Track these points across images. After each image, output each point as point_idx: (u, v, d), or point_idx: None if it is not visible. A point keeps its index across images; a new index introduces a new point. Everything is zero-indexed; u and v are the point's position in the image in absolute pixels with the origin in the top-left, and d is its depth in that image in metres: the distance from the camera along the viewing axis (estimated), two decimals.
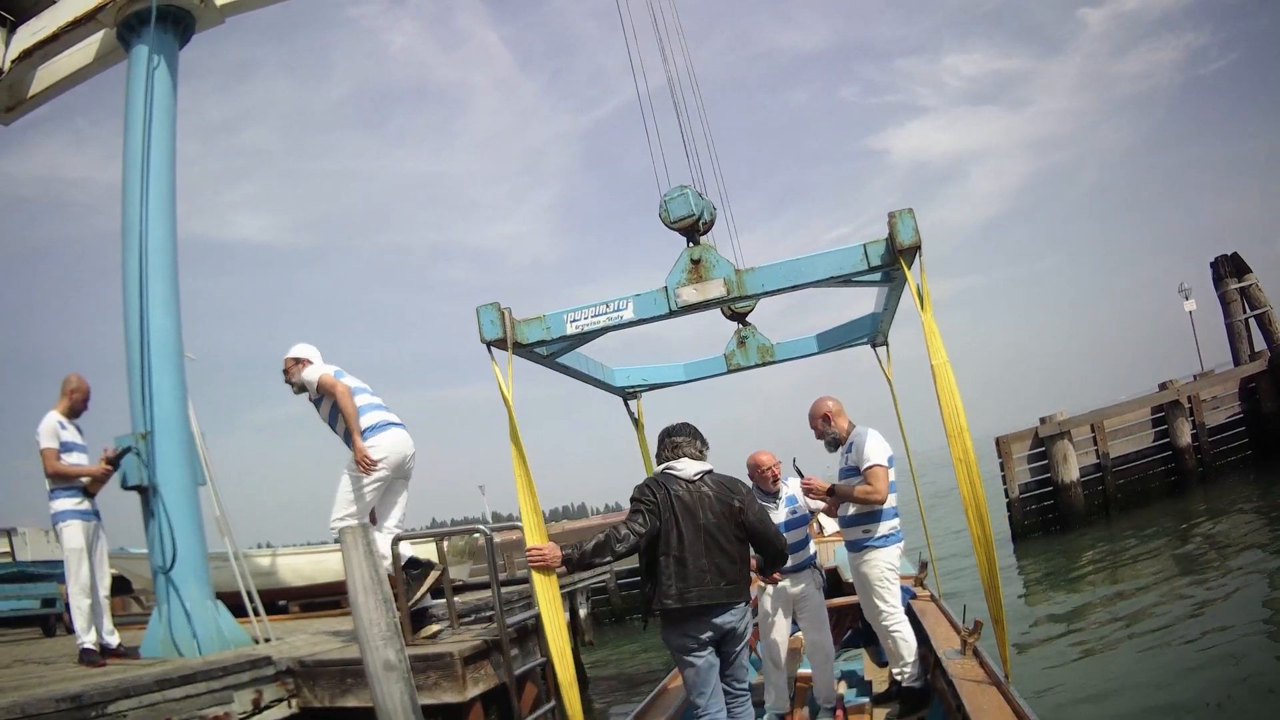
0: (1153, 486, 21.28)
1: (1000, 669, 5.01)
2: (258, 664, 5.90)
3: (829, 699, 6.27)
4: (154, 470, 7.48)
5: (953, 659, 5.64)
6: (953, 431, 4.71)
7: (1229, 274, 27.53)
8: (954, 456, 4.70)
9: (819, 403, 6.35)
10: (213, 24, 9.03)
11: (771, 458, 6.41)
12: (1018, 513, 20.76)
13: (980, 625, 5.66)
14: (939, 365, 4.70)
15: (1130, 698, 8.44)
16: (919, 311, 4.78)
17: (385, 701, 4.63)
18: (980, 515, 4.67)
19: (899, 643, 6.06)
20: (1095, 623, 12.10)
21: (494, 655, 5.95)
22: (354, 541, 4.72)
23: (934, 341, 4.72)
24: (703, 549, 4.64)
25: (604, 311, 5.33)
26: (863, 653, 8.03)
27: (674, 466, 4.88)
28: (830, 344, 7.83)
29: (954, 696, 5.00)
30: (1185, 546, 15.76)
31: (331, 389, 6.52)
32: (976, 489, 4.67)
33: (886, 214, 4.83)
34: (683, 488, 4.76)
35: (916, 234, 4.72)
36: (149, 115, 8.15)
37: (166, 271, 8.02)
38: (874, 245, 4.88)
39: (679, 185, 5.42)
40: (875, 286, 6.10)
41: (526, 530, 5.15)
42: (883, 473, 5.94)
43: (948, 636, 6.30)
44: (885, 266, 4.94)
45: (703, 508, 4.72)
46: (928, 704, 5.94)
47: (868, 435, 6.12)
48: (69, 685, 5.32)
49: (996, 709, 4.58)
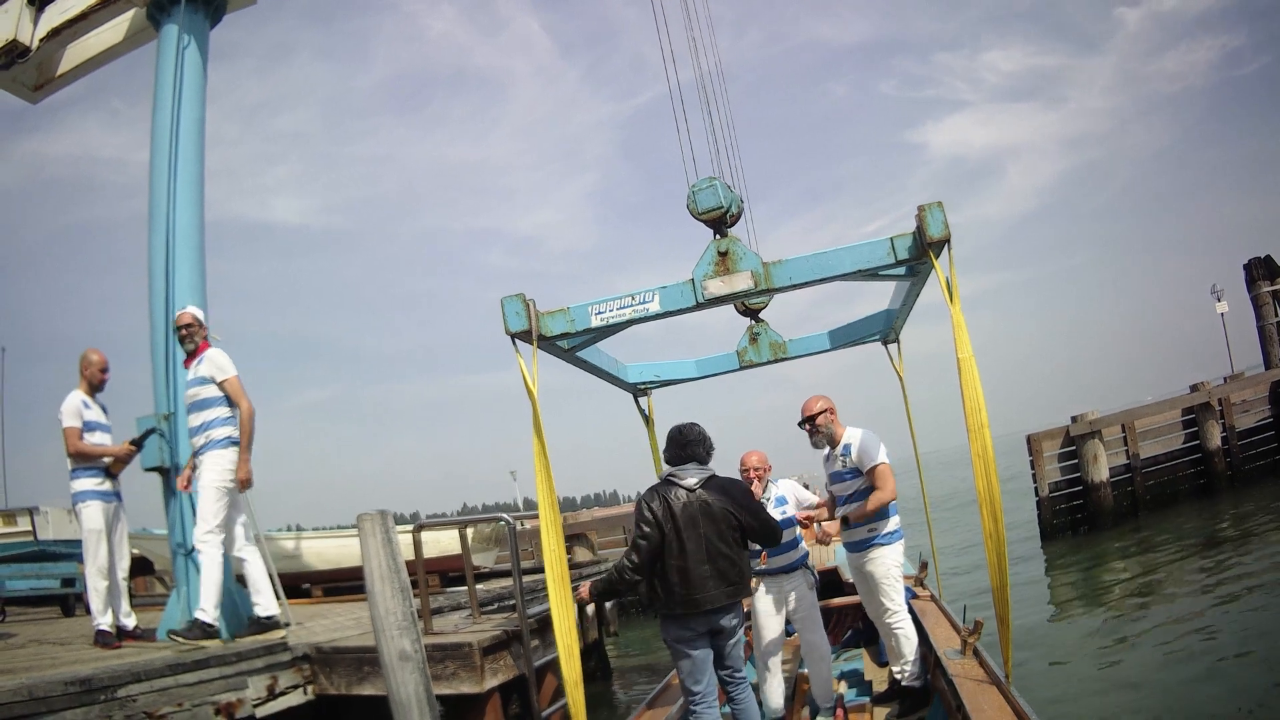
0: (1182, 489, 20.97)
1: (1001, 669, 4.97)
2: (273, 649, 5.87)
3: (828, 699, 6.22)
4: (176, 451, 7.46)
5: (953, 658, 5.61)
6: (973, 427, 4.67)
7: (1262, 276, 27.15)
8: (973, 452, 4.67)
9: (816, 400, 6.26)
10: (245, 4, 8.99)
11: (760, 459, 6.35)
12: (1047, 511, 20.50)
13: (980, 625, 5.64)
14: (965, 359, 4.65)
15: (1135, 699, 8.31)
16: (948, 305, 4.71)
17: (399, 691, 4.58)
18: (995, 512, 4.63)
19: (902, 641, 6.02)
20: (1118, 621, 11.95)
21: (514, 646, 5.91)
22: (372, 529, 4.65)
23: (961, 335, 4.67)
24: (704, 556, 4.81)
25: (629, 304, 5.27)
26: (863, 652, 8.02)
27: (676, 474, 5.01)
28: (842, 341, 7.76)
29: (954, 696, 4.97)
30: (1211, 550, 15.53)
31: (240, 398, 6.85)
32: (993, 485, 4.64)
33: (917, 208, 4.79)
34: (684, 497, 4.91)
35: (946, 227, 4.69)
36: (178, 96, 8.12)
37: (193, 254, 7.99)
38: (901, 239, 4.85)
39: (707, 177, 5.38)
40: (899, 280, 6.01)
41: (543, 524, 5.12)
42: (889, 470, 5.95)
43: (948, 636, 6.27)
44: (913, 260, 4.91)
45: (703, 516, 4.88)
46: (928, 704, 5.92)
47: (868, 436, 6.08)
48: (79, 668, 5.30)
49: (997, 709, 4.55)
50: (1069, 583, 16.06)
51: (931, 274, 4.92)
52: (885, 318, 7.28)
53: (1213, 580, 13.28)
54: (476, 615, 6.65)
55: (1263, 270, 27.27)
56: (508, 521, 6.27)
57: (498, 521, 7.51)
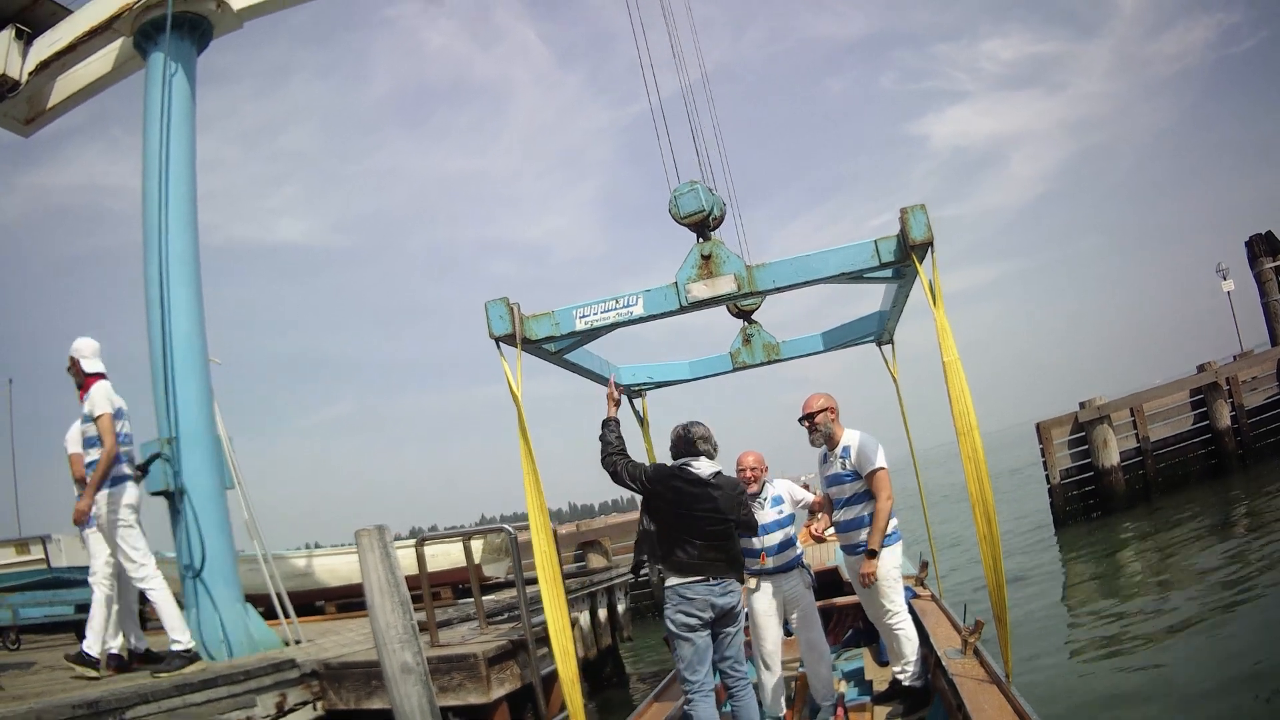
0: (1193, 470, 20.86)
1: (1001, 668, 4.97)
2: (281, 667, 5.91)
3: (828, 698, 6.20)
4: (181, 475, 7.52)
5: (953, 658, 5.61)
6: (962, 429, 4.67)
7: (1264, 253, 26.90)
8: (963, 454, 4.67)
9: (818, 398, 6.23)
10: (231, 29, 9.06)
11: (756, 459, 6.37)
12: (1059, 498, 20.42)
13: (981, 625, 5.64)
14: (950, 362, 4.66)
15: (1139, 699, 8.27)
16: (931, 308, 4.72)
17: (403, 704, 4.62)
18: (988, 514, 4.62)
19: (904, 642, 6.01)
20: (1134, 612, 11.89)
21: (520, 655, 5.94)
22: (370, 543, 4.70)
23: (945, 339, 4.68)
24: (704, 535, 5.03)
25: (614, 307, 5.30)
26: (863, 652, 7.96)
27: (691, 463, 5.19)
28: (836, 342, 7.76)
29: (955, 696, 4.97)
30: (1226, 533, 15.42)
31: (106, 435, 6.64)
32: (984, 487, 4.63)
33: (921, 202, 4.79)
34: (692, 483, 5.11)
35: (929, 230, 4.69)
36: (167, 122, 8.20)
37: (188, 278, 8.06)
38: (885, 241, 4.85)
39: (688, 181, 5.39)
40: (886, 283, 6.02)
41: (533, 528, 5.15)
42: (888, 476, 5.96)
43: (948, 636, 6.26)
44: (897, 263, 4.91)
45: (708, 501, 5.09)
46: (928, 703, 5.92)
47: (867, 439, 6.08)
48: (89, 691, 5.34)
49: (997, 709, 4.55)
50: (1084, 571, 15.99)
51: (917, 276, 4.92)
52: (878, 319, 7.27)
53: (1228, 564, 13.21)
54: (484, 626, 6.69)
55: (1264, 246, 27.02)
56: (509, 532, 6.30)
57: (501, 532, 7.55)
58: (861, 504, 6.01)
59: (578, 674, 5.12)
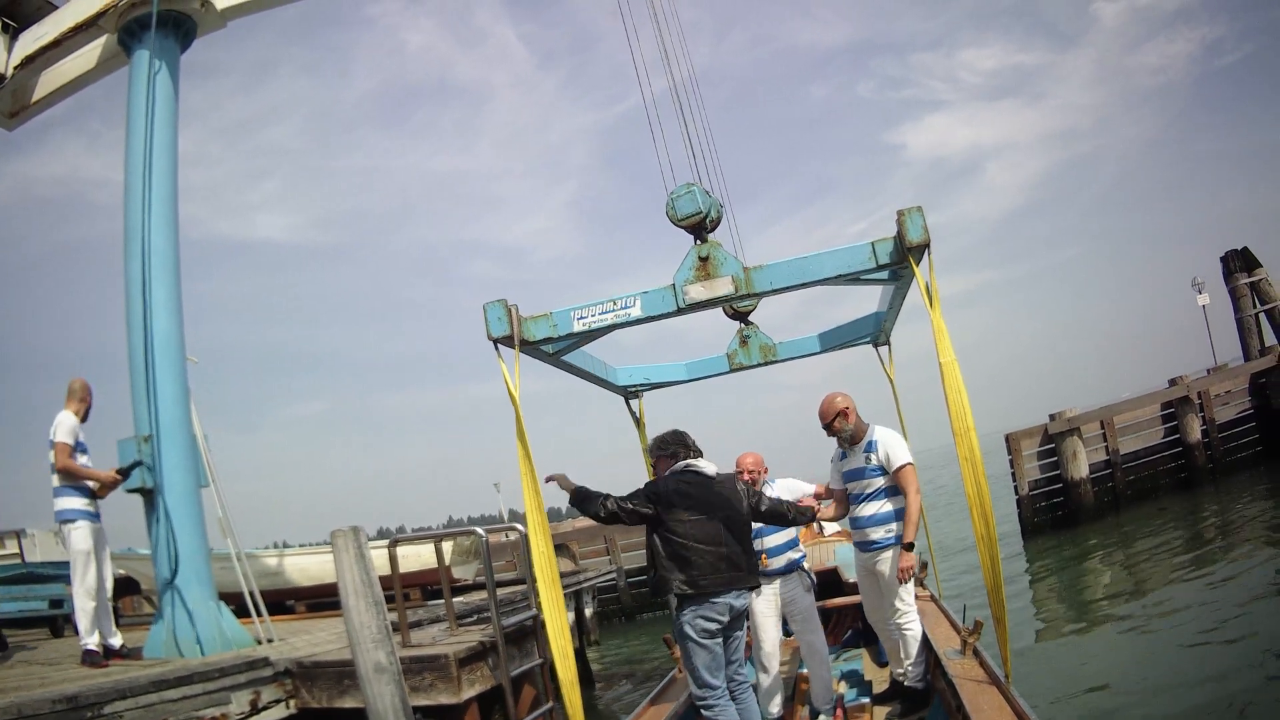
0: (1163, 483, 21.14)
1: (1001, 669, 5.01)
2: (255, 665, 5.95)
3: (828, 699, 6.25)
4: (158, 473, 7.54)
5: (953, 659, 5.64)
6: (959, 430, 4.73)
7: (1239, 269, 27.31)
8: (960, 455, 4.72)
9: (835, 399, 6.12)
10: (214, 28, 9.06)
11: (755, 460, 6.41)
12: (1028, 509, 20.66)
13: (980, 625, 5.67)
14: (947, 363, 4.72)
15: (1135, 697, 8.39)
16: (928, 309, 4.78)
17: (376, 703, 4.66)
18: (985, 514, 4.68)
19: (910, 642, 5.98)
20: (1102, 620, 12.05)
21: (490, 656, 5.98)
22: (345, 544, 4.75)
23: (942, 340, 4.74)
24: (721, 540, 4.95)
25: (611, 309, 5.35)
26: (863, 653, 8.00)
27: (696, 465, 5.17)
28: (833, 343, 7.83)
29: (954, 696, 5.00)
30: (1194, 544, 15.65)
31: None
32: (982, 488, 4.70)
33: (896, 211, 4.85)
34: (704, 484, 5.08)
35: (925, 232, 4.75)
36: (150, 119, 8.20)
37: (169, 275, 8.07)
38: (882, 243, 4.91)
39: (685, 183, 5.44)
40: (882, 285, 6.08)
41: (530, 528, 5.21)
42: (915, 471, 5.92)
43: (948, 636, 6.30)
44: (894, 265, 4.96)
45: (722, 502, 5.05)
46: (928, 704, 5.93)
47: (892, 435, 6.04)
48: (67, 686, 5.38)
49: (997, 709, 4.59)
50: (1051, 581, 16.16)
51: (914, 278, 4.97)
52: (875, 320, 7.32)
53: (1193, 573, 13.41)
54: (454, 628, 6.73)
55: (1239, 262, 27.43)
56: (480, 535, 6.37)
57: (473, 535, 7.62)
58: (882, 499, 5.94)
59: (577, 675, 5.18)
